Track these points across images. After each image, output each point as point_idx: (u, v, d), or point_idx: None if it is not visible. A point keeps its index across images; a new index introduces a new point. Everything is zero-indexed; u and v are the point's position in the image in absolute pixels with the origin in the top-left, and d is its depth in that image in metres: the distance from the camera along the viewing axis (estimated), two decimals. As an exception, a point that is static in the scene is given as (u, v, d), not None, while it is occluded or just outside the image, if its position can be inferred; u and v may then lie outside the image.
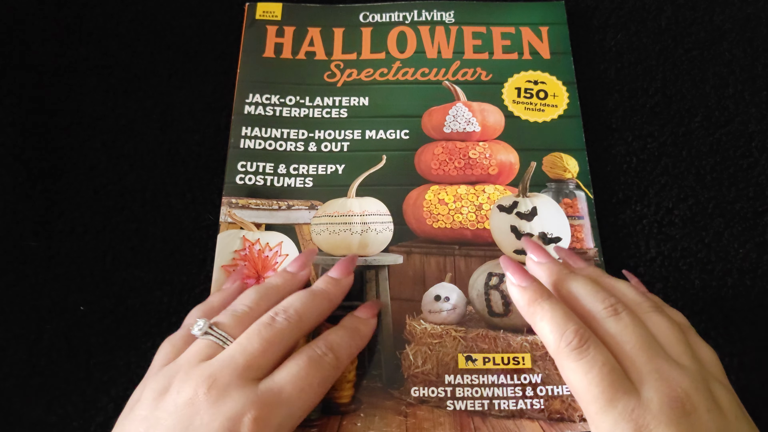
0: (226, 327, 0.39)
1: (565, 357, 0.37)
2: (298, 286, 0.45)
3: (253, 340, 0.38)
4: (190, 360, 0.38)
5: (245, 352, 0.37)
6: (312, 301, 0.42)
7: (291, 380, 0.37)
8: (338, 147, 0.54)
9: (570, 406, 0.44)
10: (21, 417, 0.46)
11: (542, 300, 0.40)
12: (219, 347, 0.38)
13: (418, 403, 0.45)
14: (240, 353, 0.37)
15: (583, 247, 0.51)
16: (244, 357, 0.37)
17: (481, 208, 0.52)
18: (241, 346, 0.38)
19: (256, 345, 0.38)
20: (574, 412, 0.44)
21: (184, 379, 0.36)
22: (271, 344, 0.38)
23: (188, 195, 0.54)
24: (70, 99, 0.57)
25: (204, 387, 0.35)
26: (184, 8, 0.62)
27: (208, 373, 0.36)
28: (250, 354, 0.37)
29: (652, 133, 0.56)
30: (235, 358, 0.37)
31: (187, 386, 0.36)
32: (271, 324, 0.39)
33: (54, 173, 0.54)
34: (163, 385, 0.36)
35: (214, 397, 0.35)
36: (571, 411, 0.44)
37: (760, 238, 0.52)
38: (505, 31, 0.59)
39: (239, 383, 0.36)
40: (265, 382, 0.37)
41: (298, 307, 0.41)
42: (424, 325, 0.47)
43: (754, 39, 0.60)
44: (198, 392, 0.35)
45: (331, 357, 0.40)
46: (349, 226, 0.50)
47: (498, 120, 0.55)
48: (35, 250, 0.51)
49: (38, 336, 0.48)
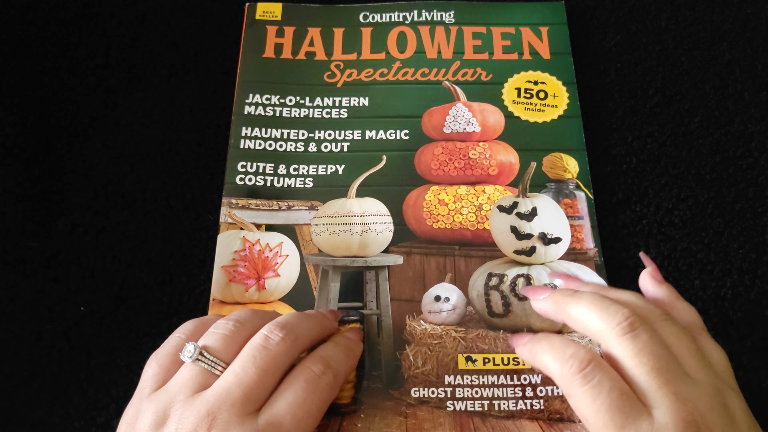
0: (217, 352, 0.37)
1: (570, 383, 0.36)
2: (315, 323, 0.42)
3: (249, 369, 0.36)
4: (184, 390, 0.36)
5: (241, 384, 0.36)
6: (307, 321, 0.40)
7: (290, 410, 0.36)
8: (338, 147, 0.54)
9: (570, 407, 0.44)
10: (22, 417, 0.46)
11: (540, 338, 0.40)
12: (211, 374, 0.37)
13: (418, 404, 0.45)
14: (236, 385, 0.36)
15: (583, 247, 0.51)
16: (241, 389, 0.35)
17: (481, 209, 0.52)
18: (237, 377, 0.36)
19: (251, 375, 0.36)
20: (573, 413, 0.44)
21: (183, 416, 0.35)
22: (266, 372, 0.36)
23: (188, 195, 0.54)
24: (70, 99, 0.57)
25: (203, 424, 0.34)
26: (184, 8, 0.62)
27: (206, 410, 0.35)
28: (246, 386, 0.36)
29: (652, 134, 0.56)
30: (231, 393, 0.35)
31: (185, 423, 0.34)
32: (265, 347, 0.37)
33: (54, 173, 0.54)
34: (158, 417, 0.35)
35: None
36: (571, 411, 0.44)
37: (760, 239, 0.52)
38: (505, 31, 0.59)
39: (239, 420, 0.35)
40: (263, 415, 0.35)
41: (293, 324, 0.39)
42: (424, 325, 0.47)
43: (754, 39, 0.60)
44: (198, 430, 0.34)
45: (329, 377, 0.38)
46: (349, 227, 0.50)
47: (498, 120, 0.55)
48: (35, 250, 0.51)
49: (39, 336, 0.48)
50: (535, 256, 0.50)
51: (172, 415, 0.35)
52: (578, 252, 0.50)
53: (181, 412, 0.35)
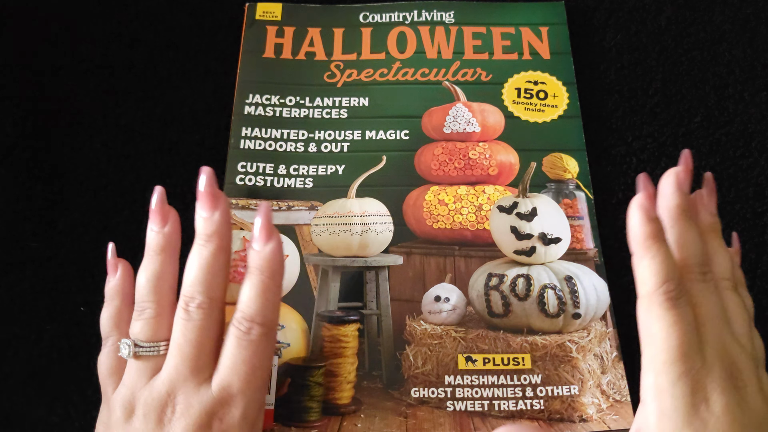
0: (148, 337, 0.38)
1: (657, 303, 0.37)
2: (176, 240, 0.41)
3: (183, 344, 0.37)
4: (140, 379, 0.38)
5: (185, 359, 0.37)
6: (208, 266, 0.38)
7: (233, 371, 0.37)
8: (338, 147, 0.54)
9: (569, 407, 0.45)
10: (22, 417, 0.46)
11: (659, 242, 0.38)
12: (158, 357, 0.38)
13: (418, 404, 0.45)
14: (181, 361, 0.37)
15: (583, 247, 0.51)
16: (186, 363, 0.37)
17: (481, 209, 0.52)
18: (179, 354, 0.37)
19: (190, 349, 0.37)
20: (573, 413, 0.44)
21: (146, 402, 0.37)
22: (201, 343, 0.37)
23: (188, 195, 0.53)
24: (70, 99, 0.57)
25: (167, 405, 0.36)
26: (184, 8, 0.62)
27: (165, 391, 0.37)
28: (190, 359, 0.37)
29: (652, 134, 0.56)
30: (180, 370, 0.37)
31: (150, 409, 0.36)
32: (188, 319, 0.37)
33: (54, 173, 0.54)
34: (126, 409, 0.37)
35: (180, 411, 0.36)
36: (571, 411, 0.44)
37: (760, 239, 0.52)
38: (505, 31, 0.59)
39: (195, 390, 0.36)
40: (214, 382, 0.37)
41: (201, 288, 0.38)
42: (424, 325, 0.47)
43: (754, 39, 0.60)
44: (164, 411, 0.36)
45: (257, 330, 0.37)
46: (349, 227, 0.50)
47: (498, 120, 0.55)
48: (35, 250, 0.51)
49: (39, 336, 0.48)
50: (535, 256, 0.50)
51: (137, 403, 0.37)
52: (578, 252, 0.50)
53: (144, 399, 0.37)
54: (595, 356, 0.46)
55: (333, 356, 0.46)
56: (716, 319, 0.38)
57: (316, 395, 0.45)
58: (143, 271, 0.40)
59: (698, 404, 0.35)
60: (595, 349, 0.47)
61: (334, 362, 0.46)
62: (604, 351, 0.47)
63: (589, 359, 0.46)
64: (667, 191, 0.41)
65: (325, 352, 0.46)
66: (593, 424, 0.44)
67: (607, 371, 0.46)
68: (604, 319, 0.48)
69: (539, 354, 0.46)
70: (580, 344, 0.46)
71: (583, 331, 0.47)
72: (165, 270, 0.40)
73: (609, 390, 0.45)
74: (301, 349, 0.46)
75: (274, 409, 0.44)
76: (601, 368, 0.46)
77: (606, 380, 0.46)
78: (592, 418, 0.44)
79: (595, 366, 0.46)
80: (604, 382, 0.45)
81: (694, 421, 0.35)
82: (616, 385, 0.45)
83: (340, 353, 0.46)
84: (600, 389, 0.45)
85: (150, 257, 0.40)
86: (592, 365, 0.46)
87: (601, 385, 0.45)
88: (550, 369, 0.46)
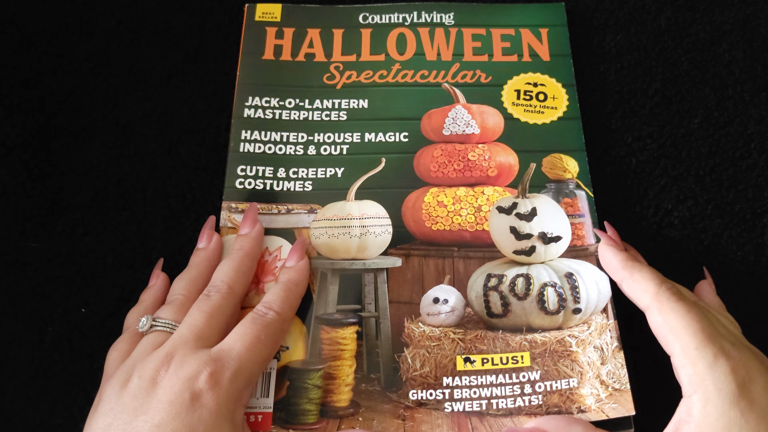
0: (168, 314, 0.43)
1: (666, 298, 0.40)
2: (216, 256, 0.48)
3: (195, 315, 0.41)
4: (144, 351, 0.40)
5: (191, 327, 0.40)
6: (233, 267, 0.45)
7: (239, 338, 0.40)
8: (337, 150, 0.54)
9: (568, 399, 0.45)
10: (25, 419, 0.46)
11: (639, 261, 0.44)
12: (168, 334, 0.41)
13: (416, 406, 0.45)
14: (187, 328, 0.40)
15: (584, 243, 0.51)
16: (191, 331, 0.40)
17: (480, 210, 0.52)
18: (186, 323, 0.41)
19: (199, 318, 0.41)
20: (571, 404, 0.44)
21: (143, 365, 0.38)
22: (212, 315, 0.41)
23: (188, 196, 0.54)
24: (70, 99, 0.57)
25: (163, 364, 0.38)
26: (184, 9, 0.61)
27: (164, 353, 0.39)
28: (195, 327, 0.40)
29: (652, 135, 0.56)
30: (183, 334, 0.40)
31: (147, 369, 0.38)
32: (207, 299, 0.43)
33: (54, 173, 0.54)
34: (122, 378, 0.39)
35: (173, 368, 0.38)
36: (569, 403, 0.44)
37: (759, 240, 0.52)
38: (504, 33, 0.59)
39: (193, 351, 0.39)
40: (217, 346, 0.40)
41: (224, 279, 0.44)
42: (422, 327, 0.48)
43: (753, 39, 0.60)
44: (159, 370, 0.38)
45: (272, 313, 0.43)
46: (349, 230, 0.50)
47: (497, 122, 0.55)
48: (36, 251, 0.52)
49: (40, 338, 0.49)
50: (535, 256, 0.50)
51: (134, 371, 0.39)
52: (579, 249, 0.50)
53: (141, 364, 0.39)
54: (595, 348, 0.46)
55: (331, 359, 0.46)
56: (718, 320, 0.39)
57: (315, 398, 0.45)
58: (182, 275, 0.46)
59: (742, 384, 0.35)
60: (596, 341, 0.47)
61: (333, 365, 0.46)
62: (604, 342, 0.47)
63: (588, 352, 0.46)
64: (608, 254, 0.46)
65: (324, 354, 0.47)
66: (592, 414, 0.44)
67: (607, 362, 0.46)
68: (605, 311, 0.48)
69: (538, 351, 0.46)
70: (580, 338, 0.46)
71: (584, 324, 0.47)
72: (200, 276, 0.46)
73: (608, 380, 0.45)
74: (299, 352, 0.47)
75: (272, 411, 0.44)
76: (600, 359, 0.46)
77: (605, 370, 0.46)
78: (590, 409, 0.44)
79: (594, 358, 0.46)
80: (604, 373, 0.46)
81: (741, 401, 0.34)
82: (616, 375, 0.45)
83: (338, 356, 0.46)
84: (599, 379, 0.45)
85: (190, 266, 0.47)
86: (592, 357, 0.46)
87: (601, 376, 0.45)
88: (549, 365, 0.46)
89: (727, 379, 0.35)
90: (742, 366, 0.35)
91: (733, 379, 0.35)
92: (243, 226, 0.48)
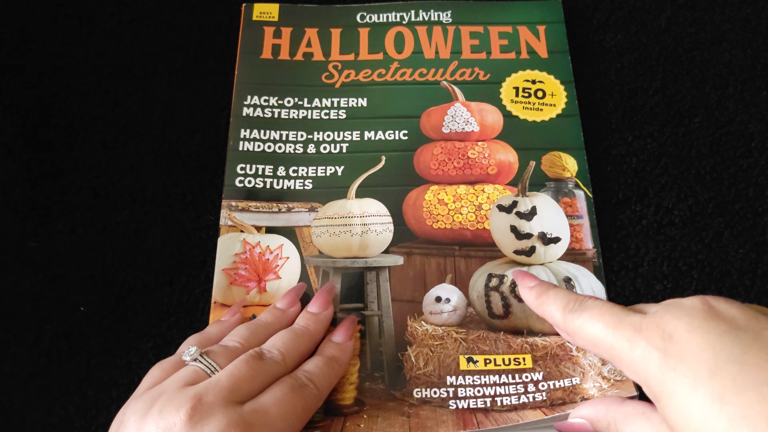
0: (216, 357, 0.40)
1: (571, 319, 0.38)
2: (287, 322, 0.45)
3: (241, 368, 0.38)
4: (175, 383, 0.37)
5: (231, 376, 0.38)
6: (293, 340, 0.43)
7: (275, 403, 0.37)
8: (337, 148, 0.54)
9: (572, 392, 0.44)
10: (22, 418, 0.46)
11: (548, 289, 0.42)
12: (206, 375, 0.38)
13: (420, 404, 0.45)
14: (226, 377, 0.37)
15: (582, 247, 0.51)
16: (230, 380, 0.37)
17: (481, 208, 0.52)
18: (228, 371, 0.38)
19: (242, 371, 0.38)
20: (575, 396, 0.44)
21: (168, 400, 0.36)
22: (257, 373, 0.39)
23: (188, 195, 0.54)
24: (70, 99, 0.57)
25: (187, 406, 0.35)
26: (183, 9, 0.61)
27: (193, 393, 0.36)
28: (235, 377, 0.38)
29: (652, 134, 0.56)
30: (220, 381, 0.37)
31: (170, 407, 0.35)
32: (259, 360, 0.40)
33: (54, 173, 0.54)
34: (146, 406, 0.36)
35: (197, 418, 0.34)
36: (573, 395, 0.44)
37: (760, 238, 0.52)
38: (502, 30, 0.59)
39: (223, 404, 0.35)
40: (249, 404, 0.37)
41: (280, 347, 0.41)
42: (425, 326, 0.47)
43: (754, 39, 0.60)
44: (180, 413, 0.34)
45: (312, 388, 0.40)
46: (350, 228, 0.50)
47: (496, 119, 0.55)
48: (35, 250, 0.51)
49: (38, 336, 0.48)
50: (535, 257, 0.50)
51: (158, 403, 0.36)
52: (577, 252, 0.50)
53: (167, 398, 0.36)
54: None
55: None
56: None
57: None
58: (250, 325, 0.44)
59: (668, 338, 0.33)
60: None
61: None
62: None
63: (590, 355, 0.46)
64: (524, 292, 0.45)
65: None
66: None
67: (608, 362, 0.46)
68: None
69: (540, 354, 0.46)
70: (581, 344, 0.46)
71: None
72: (265, 334, 0.43)
73: (610, 375, 0.45)
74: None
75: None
76: (601, 361, 0.46)
77: (607, 369, 0.45)
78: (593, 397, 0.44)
79: (595, 360, 0.46)
80: (605, 371, 0.45)
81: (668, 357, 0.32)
82: (618, 371, 0.45)
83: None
84: (601, 375, 0.45)
85: (260, 320, 0.45)
86: (593, 360, 0.46)
87: (602, 373, 0.45)
88: (551, 367, 0.46)
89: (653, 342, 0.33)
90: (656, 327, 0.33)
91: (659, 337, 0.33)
92: (314, 304, 0.46)
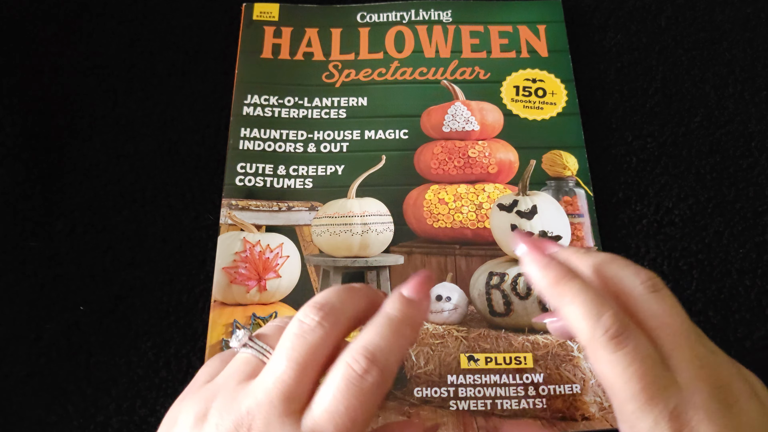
0: (266, 338, 0.35)
1: (602, 347, 0.31)
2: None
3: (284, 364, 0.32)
4: (230, 380, 0.33)
5: (279, 382, 0.32)
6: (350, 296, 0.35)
7: (330, 419, 0.31)
8: (337, 148, 0.54)
9: (572, 405, 0.45)
10: (21, 417, 0.46)
11: (569, 279, 0.33)
12: (259, 362, 0.34)
13: (421, 404, 0.45)
14: (273, 384, 0.32)
15: (583, 245, 0.51)
16: (279, 389, 0.31)
17: (481, 207, 0.52)
18: (274, 374, 0.32)
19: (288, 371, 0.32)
20: (575, 411, 0.44)
21: (222, 414, 0.32)
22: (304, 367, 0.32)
23: (188, 195, 0.54)
24: (70, 99, 0.57)
25: (244, 428, 0.31)
26: (183, 8, 0.62)
27: (246, 409, 0.31)
28: (284, 383, 0.32)
29: (652, 133, 0.56)
30: (269, 392, 0.32)
31: (225, 423, 0.31)
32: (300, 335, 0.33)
33: (54, 173, 0.54)
34: (200, 410, 0.32)
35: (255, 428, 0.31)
36: (573, 410, 0.44)
37: (760, 238, 0.52)
38: (502, 29, 0.59)
39: (279, 421, 0.31)
40: (306, 421, 0.31)
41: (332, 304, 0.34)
42: (425, 325, 0.47)
43: (754, 39, 0.60)
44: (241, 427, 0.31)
45: (375, 374, 0.31)
46: (350, 227, 0.50)
47: (497, 118, 0.55)
48: (35, 250, 0.51)
49: (38, 335, 0.48)
50: (536, 256, 0.50)
51: (212, 411, 0.32)
52: (578, 251, 0.50)
53: (220, 410, 0.32)
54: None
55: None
56: (686, 335, 0.32)
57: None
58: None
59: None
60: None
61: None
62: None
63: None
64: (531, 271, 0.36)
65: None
66: (595, 422, 0.44)
67: None
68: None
69: (541, 353, 0.46)
70: (582, 343, 0.46)
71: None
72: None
73: None
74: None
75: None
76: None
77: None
78: (594, 416, 0.44)
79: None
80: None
81: None
82: None
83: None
84: (601, 387, 0.45)
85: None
86: (593, 365, 0.46)
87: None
88: (551, 368, 0.46)
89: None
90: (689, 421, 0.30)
91: None
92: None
